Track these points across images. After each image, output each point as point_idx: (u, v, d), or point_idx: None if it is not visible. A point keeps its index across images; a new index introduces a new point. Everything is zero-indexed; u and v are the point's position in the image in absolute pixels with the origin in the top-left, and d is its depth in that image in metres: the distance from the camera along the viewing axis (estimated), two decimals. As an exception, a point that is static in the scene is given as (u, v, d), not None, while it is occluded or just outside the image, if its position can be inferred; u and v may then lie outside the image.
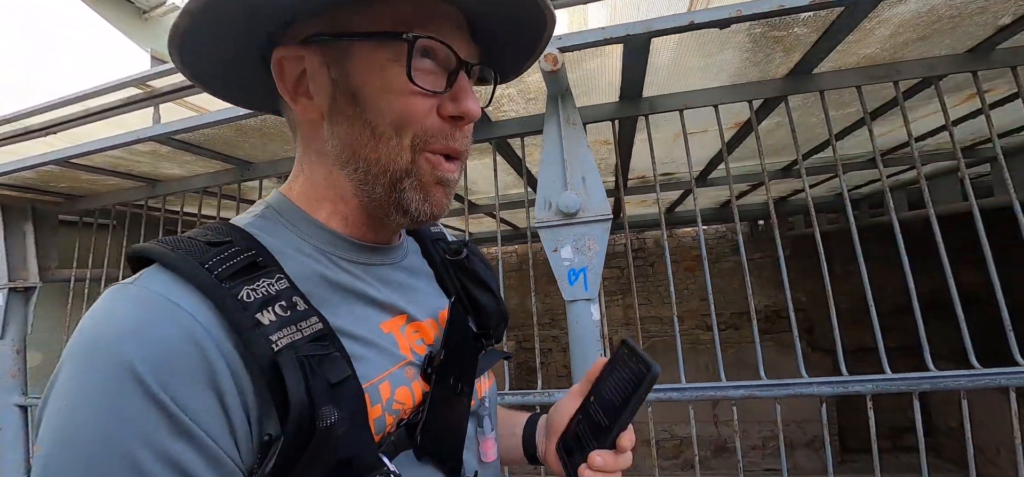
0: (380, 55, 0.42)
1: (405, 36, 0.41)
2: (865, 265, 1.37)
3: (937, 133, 2.21)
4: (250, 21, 0.42)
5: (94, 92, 1.79)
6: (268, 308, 0.36)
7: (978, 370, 1.24)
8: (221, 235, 0.41)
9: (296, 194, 0.47)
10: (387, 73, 0.42)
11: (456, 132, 0.45)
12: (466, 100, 0.44)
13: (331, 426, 0.35)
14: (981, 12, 1.23)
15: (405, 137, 0.43)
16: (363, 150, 0.43)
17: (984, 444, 5.00)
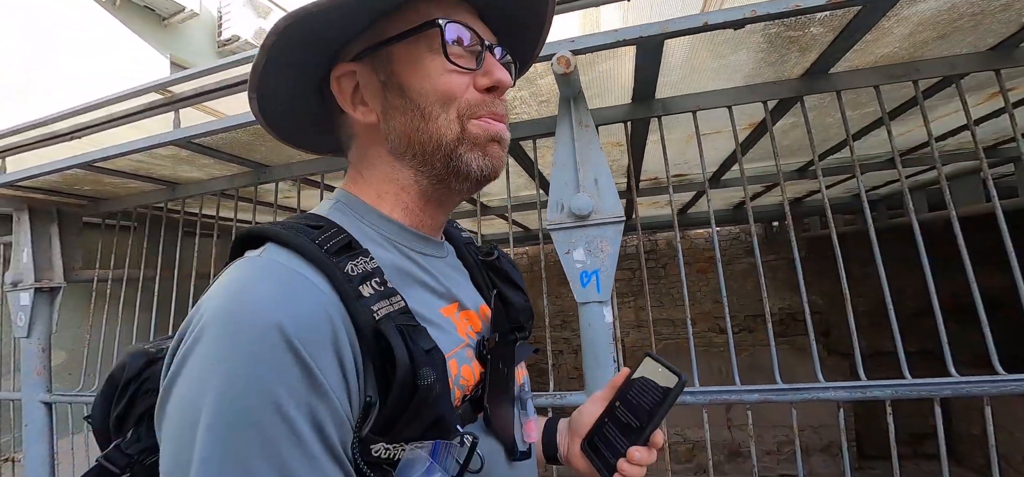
0: (417, 49, 0.48)
1: (437, 22, 0.47)
2: (884, 267, 1.35)
3: (958, 133, 2.16)
4: (309, 52, 0.49)
5: (117, 98, 1.84)
6: (367, 282, 0.41)
7: (1002, 376, 1.21)
8: (315, 220, 0.46)
9: (360, 190, 0.53)
10: (426, 61, 0.48)
11: (495, 101, 0.51)
12: (496, 71, 0.50)
13: (429, 385, 0.39)
14: (1004, 9, 1.21)
15: (451, 111, 0.48)
16: (417, 134, 0.49)
17: (1009, 452, 4.86)
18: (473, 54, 0.50)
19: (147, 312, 2.18)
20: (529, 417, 0.58)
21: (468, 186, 0.51)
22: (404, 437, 0.39)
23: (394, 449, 0.39)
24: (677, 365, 0.57)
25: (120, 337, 2.18)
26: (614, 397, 0.59)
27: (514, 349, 0.57)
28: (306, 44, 0.47)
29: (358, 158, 0.54)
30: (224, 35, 6.31)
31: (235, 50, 6.30)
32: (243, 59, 1.71)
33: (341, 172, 1.95)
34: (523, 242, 5.39)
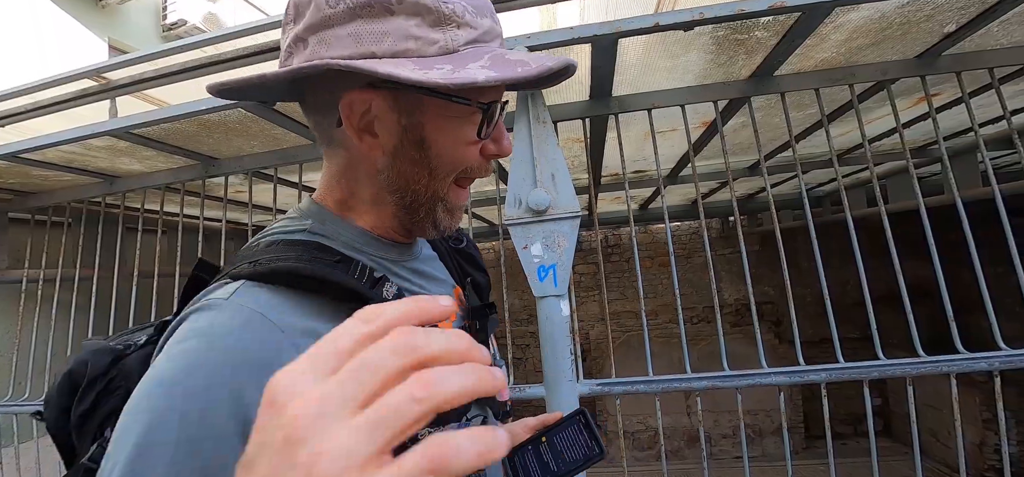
0: (454, 114, 0.46)
1: (484, 105, 0.45)
2: (832, 260, 1.44)
3: (891, 134, 2.32)
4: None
5: (46, 83, 1.71)
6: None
7: (923, 358, 1.31)
8: (329, 255, 0.46)
9: (333, 203, 0.52)
10: (460, 128, 0.47)
11: (485, 166, 0.51)
12: (504, 141, 0.50)
13: None
14: (928, 19, 1.30)
15: (452, 175, 0.49)
16: (417, 185, 0.49)
17: (936, 427, 5.30)
18: (478, 120, 0.47)
19: (84, 314, 2.04)
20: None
21: (434, 234, 0.53)
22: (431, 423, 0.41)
23: (424, 432, 0.41)
24: (638, 356, 0.63)
25: (54, 341, 2.03)
26: (543, 431, 0.63)
27: (487, 323, 0.60)
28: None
29: (345, 168, 0.51)
30: (170, 19, 5.94)
31: (181, 35, 5.95)
32: (187, 45, 1.62)
33: (295, 165, 1.89)
34: (487, 237, 5.38)
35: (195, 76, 1.54)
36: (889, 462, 5.29)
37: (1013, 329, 1.37)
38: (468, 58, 0.43)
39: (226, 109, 1.43)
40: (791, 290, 1.46)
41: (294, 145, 1.84)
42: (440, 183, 0.49)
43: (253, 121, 1.58)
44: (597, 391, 1.43)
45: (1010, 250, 1.35)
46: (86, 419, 0.47)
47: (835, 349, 1.39)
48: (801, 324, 1.44)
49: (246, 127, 1.65)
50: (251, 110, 1.47)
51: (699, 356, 6.07)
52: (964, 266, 1.32)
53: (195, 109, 1.43)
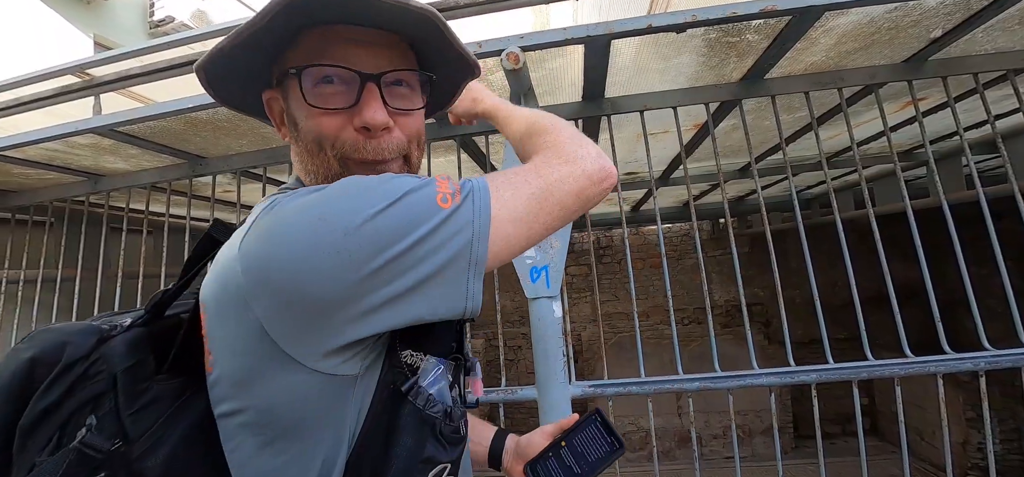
0: (297, 87, 0.50)
1: (292, 70, 0.50)
2: (821, 261, 1.45)
3: (879, 137, 2.35)
4: (242, 76, 0.53)
5: (27, 79, 1.67)
6: None
7: (910, 358, 1.33)
8: None
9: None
10: (301, 101, 0.51)
11: (368, 142, 0.51)
12: (365, 111, 0.50)
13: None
14: (915, 25, 1.32)
15: (327, 151, 0.51)
16: (308, 164, 0.53)
17: (921, 426, 5.38)
18: (350, 90, 0.50)
19: (66, 315, 2.00)
20: (476, 377, 0.64)
21: None
22: (426, 348, 0.48)
23: (417, 357, 0.47)
24: (630, 357, 0.63)
25: (34, 343, 1.98)
26: (561, 436, 0.65)
27: (464, 324, 0.62)
28: (236, 71, 0.52)
29: (296, 160, 0.56)
30: (157, 15, 5.85)
31: (169, 32, 5.87)
32: (174, 41, 1.60)
33: (284, 165, 1.86)
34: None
35: (182, 73, 1.51)
36: (876, 461, 5.36)
37: (997, 329, 1.39)
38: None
39: (214, 106, 1.40)
40: (781, 291, 1.47)
41: (283, 144, 1.82)
42: (319, 161, 0.51)
43: (242, 120, 1.56)
44: (589, 393, 1.43)
45: (994, 252, 1.37)
46: (48, 415, 0.40)
47: (825, 350, 1.40)
48: (791, 325, 1.45)
49: (235, 125, 1.62)
50: (240, 108, 1.45)
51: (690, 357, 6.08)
52: (950, 267, 1.34)
53: (183, 106, 1.40)
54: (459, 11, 1.26)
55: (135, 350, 0.44)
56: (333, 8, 0.47)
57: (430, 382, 0.48)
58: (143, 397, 0.42)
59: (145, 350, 0.44)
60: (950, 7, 1.24)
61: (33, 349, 0.43)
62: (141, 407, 0.42)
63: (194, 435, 0.44)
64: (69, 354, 0.43)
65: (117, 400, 0.41)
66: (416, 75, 0.55)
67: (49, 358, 0.42)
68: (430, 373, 0.48)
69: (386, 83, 0.51)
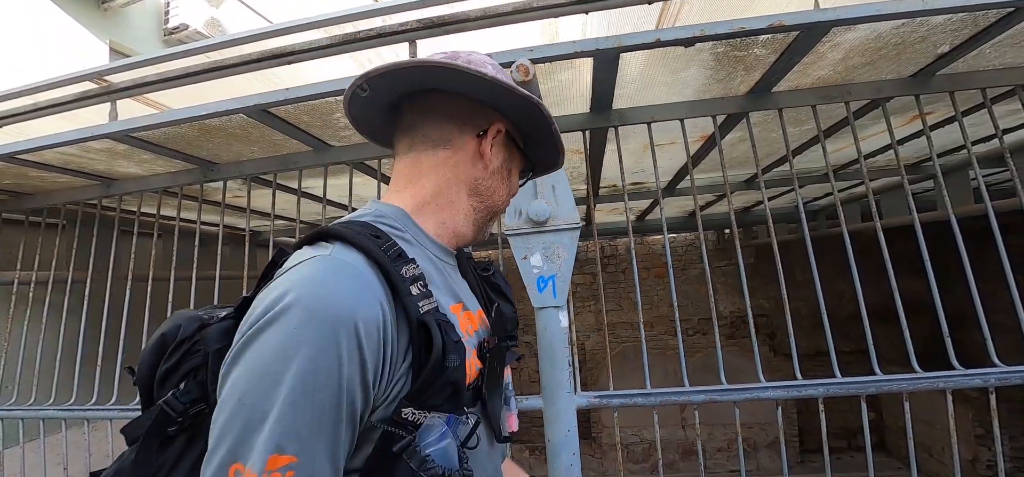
0: (520, 161, 0.73)
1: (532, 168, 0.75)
2: (826, 273, 1.45)
3: (886, 150, 2.35)
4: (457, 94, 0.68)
5: (46, 85, 1.70)
6: (415, 284, 0.53)
7: (919, 374, 1.32)
8: (374, 230, 0.57)
9: (410, 206, 0.65)
10: (517, 168, 0.73)
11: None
12: (514, 191, 0.74)
13: (455, 367, 0.52)
14: (922, 41, 1.33)
15: (507, 196, 0.72)
16: (494, 196, 0.70)
17: (930, 443, 5.31)
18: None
19: (76, 317, 2.02)
20: (511, 411, 0.70)
21: (476, 239, 0.71)
22: (429, 405, 0.51)
23: (419, 414, 0.51)
24: (634, 367, 0.65)
25: (45, 344, 2.00)
26: None
27: (505, 353, 0.69)
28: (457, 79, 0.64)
29: (438, 178, 0.66)
30: (172, 23, 5.94)
31: (183, 40, 5.95)
32: (189, 50, 1.63)
33: (294, 172, 1.88)
34: (487, 246, 5.38)
35: (197, 81, 1.54)
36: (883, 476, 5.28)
37: (1007, 345, 1.38)
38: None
39: (229, 114, 1.43)
40: (788, 303, 1.46)
41: (294, 151, 1.84)
42: (503, 200, 0.71)
43: (254, 127, 1.59)
44: (595, 403, 1.42)
45: (1003, 266, 1.36)
46: (170, 374, 0.57)
47: (832, 363, 1.39)
48: (796, 337, 1.44)
49: (247, 132, 1.65)
50: (252, 116, 1.47)
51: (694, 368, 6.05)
52: (958, 282, 1.34)
53: (198, 113, 1.43)
54: (470, 24, 1.28)
55: (224, 337, 0.55)
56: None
57: (431, 441, 0.50)
58: None
59: (230, 337, 0.54)
60: (957, 23, 1.25)
61: (165, 327, 0.60)
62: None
63: None
64: (181, 334, 0.58)
65: (207, 373, 0.54)
66: None
67: (170, 336, 0.59)
68: (434, 431, 0.51)
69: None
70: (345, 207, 2.72)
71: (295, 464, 0.43)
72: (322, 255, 0.51)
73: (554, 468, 1.29)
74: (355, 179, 1.91)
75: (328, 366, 0.45)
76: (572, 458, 1.27)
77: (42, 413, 1.88)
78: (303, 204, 1.93)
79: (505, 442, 0.65)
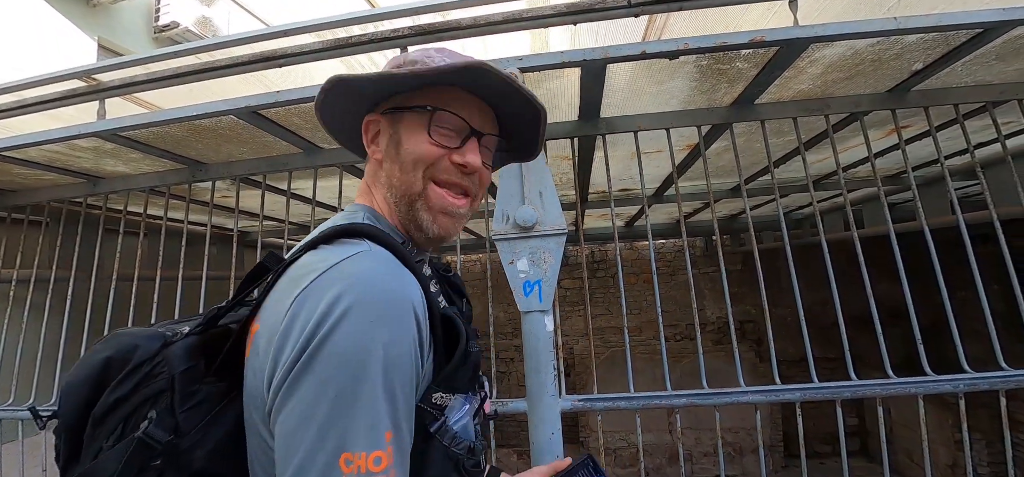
0: (416, 121, 0.64)
1: (427, 108, 0.63)
2: (812, 280, 1.49)
3: (864, 162, 2.42)
4: (353, 98, 0.67)
5: (32, 82, 1.69)
6: (431, 283, 0.60)
7: (892, 379, 1.36)
8: (391, 234, 0.61)
9: (372, 201, 0.68)
10: (417, 132, 0.64)
11: (456, 174, 0.64)
12: (467, 153, 0.64)
13: (477, 352, 0.60)
14: (897, 58, 1.38)
15: (419, 170, 0.63)
16: (395, 178, 0.65)
17: (911, 448, 5.41)
18: (459, 136, 0.64)
19: (58, 317, 1.99)
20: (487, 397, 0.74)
21: (422, 237, 0.65)
22: (455, 388, 0.57)
23: (446, 397, 0.56)
24: (620, 372, 0.69)
25: (25, 344, 1.97)
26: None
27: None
28: (350, 93, 0.65)
29: (372, 179, 0.69)
30: (162, 21, 5.89)
31: (173, 38, 5.90)
32: (181, 50, 1.63)
33: (284, 174, 1.89)
34: (476, 249, 5.39)
35: (187, 82, 1.54)
36: (865, 482, 5.37)
37: (978, 352, 1.43)
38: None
39: (219, 115, 1.43)
40: (770, 310, 1.50)
41: (284, 153, 1.85)
42: (408, 177, 0.63)
43: (244, 128, 1.59)
44: (579, 407, 1.44)
45: (974, 276, 1.42)
46: (118, 405, 0.48)
47: (810, 369, 1.43)
48: (782, 343, 1.48)
49: (237, 133, 1.65)
50: (243, 117, 1.48)
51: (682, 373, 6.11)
52: (933, 290, 1.38)
53: (188, 114, 1.43)
54: (461, 32, 1.30)
55: (190, 355, 0.51)
56: (477, 80, 0.63)
57: (456, 419, 0.56)
58: (194, 397, 0.50)
59: (198, 355, 0.52)
60: (930, 42, 1.30)
61: (108, 350, 0.51)
62: (192, 405, 0.49)
63: (236, 432, 0.52)
64: (139, 356, 0.50)
65: (173, 398, 0.48)
66: (499, 141, 0.70)
67: (122, 357, 0.51)
68: (457, 411, 0.57)
69: (484, 142, 0.67)
70: (334, 209, 2.72)
71: (393, 440, 0.47)
72: (364, 251, 0.53)
73: (539, 470, 1.31)
74: (345, 181, 1.92)
75: (407, 350, 0.49)
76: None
77: (21, 414, 1.85)
78: (292, 205, 1.93)
79: (488, 419, 0.73)
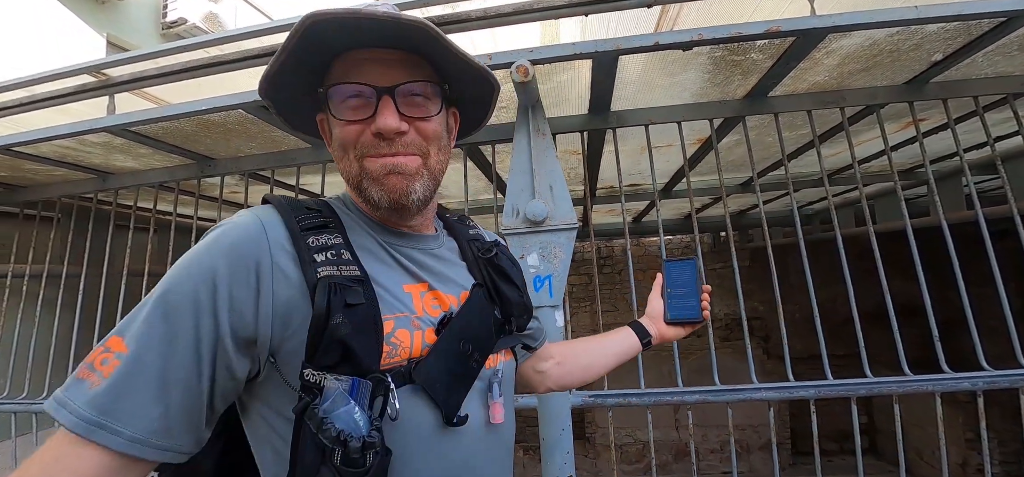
0: (329, 106, 0.60)
1: (319, 90, 0.60)
2: (822, 277, 1.46)
3: (880, 156, 2.37)
4: (300, 97, 0.64)
5: (42, 77, 1.70)
6: (323, 252, 0.55)
7: (909, 376, 1.34)
8: (317, 204, 0.61)
9: (351, 193, 0.65)
10: (331, 116, 0.61)
11: (382, 144, 0.59)
12: (379, 119, 0.58)
13: (336, 325, 0.51)
14: (916, 48, 1.34)
15: (350, 153, 0.60)
16: (341, 168, 0.62)
17: (922, 445, 5.35)
18: (370, 102, 0.58)
19: (70, 311, 2.01)
20: (495, 399, 0.63)
21: (382, 212, 0.61)
22: (321, 365, 0.51)
23: (319, 376, 0.50)
24: (628, 368, 0.70)
25: (38, 338, 1.99)
26: (663, 286, 0.94)
27: (494, 336, 0.65)
28: (293, 90, 0.62)
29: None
30: (169, 17, 5.92)
31: (181, 34, 5.92)
32: (189, 45, 1.62)
33: (292, 168, 1.89)
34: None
35: (196, 76, 1.54)
36: (874, 480, 5.32)
37: (996, 350, 1.40)
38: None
39: (227, 109, 1.43)
40: (781, 306, 1.48)
41: (293, 147, 1.84)
42: (346, 163, 0.60)
43: (252, 123, 1.59)
44: (589, 403, 1.43)
45: (994, 272, 1.38)
46: None
47: (824, 365, 1.41)
48: (791, 340, 1.46)
49: (245, 128, 1.65)
50: (251, 112, 1.47)
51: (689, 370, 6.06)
52: (949, 287, 1.36)
53: (197, 108, 1.43)
54: (470, 24, 1.29)
55: None
56: (345, 32, 0.56)
57: (330, 406, 0.49)
58: None
59: None
60: (951, 32, 1.26)
61: None
62: None
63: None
64: None
65: None
66: (430, 86, 0.61)
67: None
68: (333, 394, 0.49)
69: (401, 95, 0.59)
70: (342, 204, 2.72)
71: (123, 354, 0.47)
72: (244, 212, 0.56)
73: (548, 466, 1.30)
74: (353, 177, 1.91)
75: (192, 279, 0.49)
76: (566, 457, 1.28)
77: (35, 407, 1.87)
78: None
79: (455, 425, 0.58)
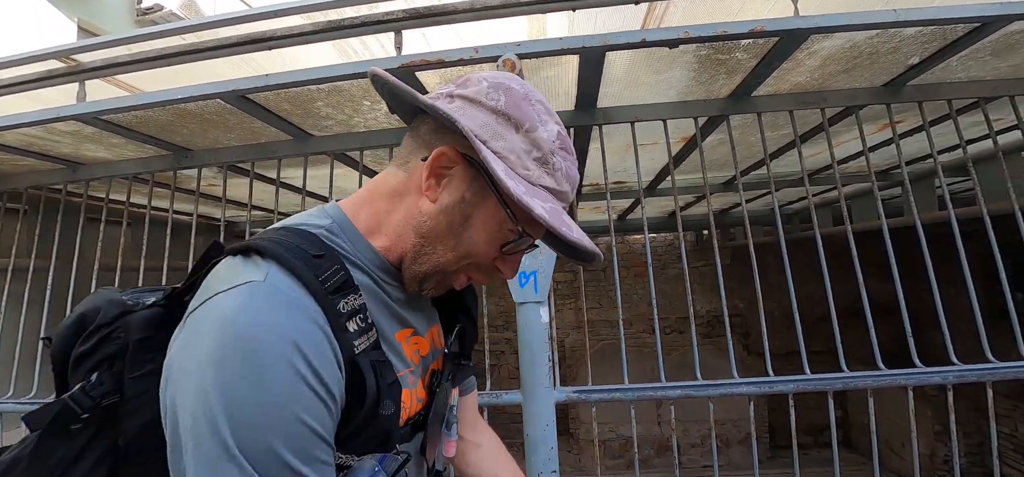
0: (502, 215, 0.54)
1: (519, 229, 0.55)
2: (801, 275, 1.49)
3: (858, 156, 2.43)
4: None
5: (9, 62, 1.62)
6: (354, 318, 0.49)
7: (883, 371, 1.38)
8: (316, 247, 0.51)
9: (361, 220, 0.58)
10: (495, 232, 0.55)
11: (480, 274, 0.59)
12: (511, 268, 0.59)
13: (389, 415, 0.50)
14: (894, 51, 1.38)
15: (463, 261, 0.57)
16: (439, 244, 0.56)
17: (891, 437, 5.54)
18: (523, 251, 0.58)
19: (38, 307, 1.93)
20: (451, 437, 0.65)
21: (409, 286, 0.59)
22: (356, 450, 0.48)
23: (346, 458, 0.48)
24: (612, 365, 0.67)
25: (3, 335, 1.91)
26: None
27: (457, 373, 0.66)
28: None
29: (391, 197, 0.58)
30: (145, 3, 5.72)
31: (156, 20, 5.73)
32: (164, 31, 1.57)
33: (273, 161, 1.84)
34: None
35: (171, 64, 1.49)
36: (848, 471, 5.49)
37: (966, 346, 1.45)
38: (538, 195, 0.53)
39: (205, 98, 1.38)
40: (762, 303, 1.50)
41: (273, 139, 1.80)
42: (448, 257, 0.56)
43: (231, 112, 1.54)
44: (574, 398, 1.44)
45: (964, 272, 1.43)
46: (84, 358, 0.53)
47: (802, 361, 1.44)
48: (770, 337, 1.49)
49: (223, 118, 1.60)
50: (230, 102, 1.43)
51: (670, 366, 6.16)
52: (923, 284, 1.40)
53: (173, 97, 1.38)
54: (457, 16, 1.27)
55: (147, 327, 0.53)
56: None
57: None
58: (145, 366, 0.51)
59: (156, 328, 0.52)
60: (927, 35, 1.30)
61: (83, 307, 0.56)
62: (141, 374, 0.51)
63: None
64: (99, 318, 0.54)
65: (124, 363, 0.51)
66: None
67: (90, 317, 0.55)
68: (363, 472, 0.48)
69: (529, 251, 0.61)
70: (325, 198, 2.68)
71: None
72: (254, 283, 0.45)
73: (532, 462, 1.30)
74: (336, 170, 1.88)
75: (275, 395, 0.42)
76: (550, 452, 1.28)
77: (0, 407, 1.80)
78: (282, 195, 1.89)
79: (437, 475, 0.62)
